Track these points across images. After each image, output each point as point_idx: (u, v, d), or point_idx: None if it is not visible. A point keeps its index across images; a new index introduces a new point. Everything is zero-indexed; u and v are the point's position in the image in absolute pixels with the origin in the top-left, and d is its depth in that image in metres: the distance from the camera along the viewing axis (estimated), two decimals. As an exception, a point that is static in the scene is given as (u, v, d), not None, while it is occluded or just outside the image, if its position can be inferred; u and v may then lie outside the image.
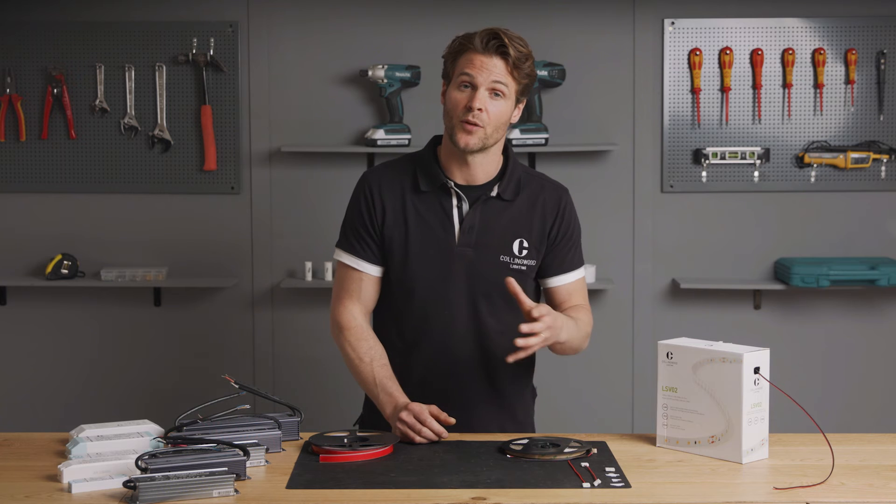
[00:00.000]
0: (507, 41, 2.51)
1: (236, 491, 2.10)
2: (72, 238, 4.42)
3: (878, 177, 4.36)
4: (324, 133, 4.39)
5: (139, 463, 2.10)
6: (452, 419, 2.46)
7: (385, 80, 4.26)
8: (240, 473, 2.16)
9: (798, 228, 4.41)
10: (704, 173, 4.37)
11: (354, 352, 2.62)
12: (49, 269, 4.31)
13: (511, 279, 2.48)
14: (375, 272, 2.66)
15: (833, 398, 4.40)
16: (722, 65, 4.34)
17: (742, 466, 2.29)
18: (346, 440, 2.37)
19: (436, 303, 2.62)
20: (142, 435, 2.33)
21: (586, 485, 2.15)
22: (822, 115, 4.35)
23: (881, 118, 4.35)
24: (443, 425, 2.45)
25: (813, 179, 4.36)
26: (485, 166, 2.62)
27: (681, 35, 4.35)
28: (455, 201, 2.62)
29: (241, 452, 2.18)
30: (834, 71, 4.34)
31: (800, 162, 4.36)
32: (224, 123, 4.38)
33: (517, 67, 2.53)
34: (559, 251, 2.68)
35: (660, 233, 4.42)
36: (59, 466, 2.17)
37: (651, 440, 2.46)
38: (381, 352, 2.62)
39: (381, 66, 4.25)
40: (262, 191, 4.40)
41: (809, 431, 2.45)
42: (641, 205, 4.40)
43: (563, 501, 2.07)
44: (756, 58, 4.33)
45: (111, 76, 4.37)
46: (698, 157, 4.35)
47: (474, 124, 2.52)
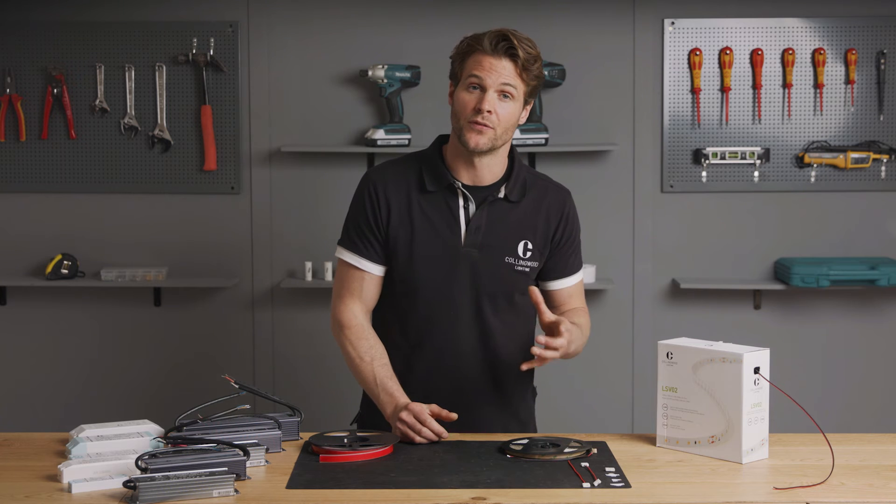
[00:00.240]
0: (516, 43, 2.50)
1: (236, 491, 2.10)
2: (72, 238, 4.42)
3: (878, 177, 4.36)
4: (324, 133, 4.39)
5: (139, 463, 2.10)
6: (454, 415, 2.46)
7: (385, 80, 4.26)
8: (240, 473, 2.16)
9: (798, 228, 4.41)
10: (704, 173, 4.37)
11: (355, 350, 2.61)
12: (49, 269, 4.31)
13: (534, 288, 2.50)
14: (378, 271, 2.65)
15: (833, 398, 4.39)
16: (722, 65, 4.34)
17: (742, 466, 2.29)
18: (346, 440, 2.36)
19: (440, 303, 2.61)
20: (142, 435, 2.33)
21: (586, 485, 2.15)
22: (822, 115, 4.35)
23: (881, 118, 4.34)
24: (444, 423, 2.45)
25: (813, 179, 4.36)
26: (492, 167, 2.61)
27: (681, 35, 4.35)
28: (462, 202, 2.61)
29: (241, 452, 2.18)
30: (834, 71, 4.34)
31: (800, 162, 4.36)
32: (224, 123, 4.38)
33: (526, 69, 2.52)
34: (562, 254, 2.68)
35: (660, 233, 4.42)
36: (59, 466, 2.17)
37: (651, 440, 2.46)
38: (381, 351, 2.62)
39: (381, 66, 4.25)
40: (262, 191, 4.40)
41: (809, 431, 2.45)
42: (641, 205, 4.40)
43: (563, 501, 2.07)
44: (756, 58, 4.33)
45: (111, 76, 4.37)
46: (698, 157, 4.35)
47: (484, 125, 2.52)
